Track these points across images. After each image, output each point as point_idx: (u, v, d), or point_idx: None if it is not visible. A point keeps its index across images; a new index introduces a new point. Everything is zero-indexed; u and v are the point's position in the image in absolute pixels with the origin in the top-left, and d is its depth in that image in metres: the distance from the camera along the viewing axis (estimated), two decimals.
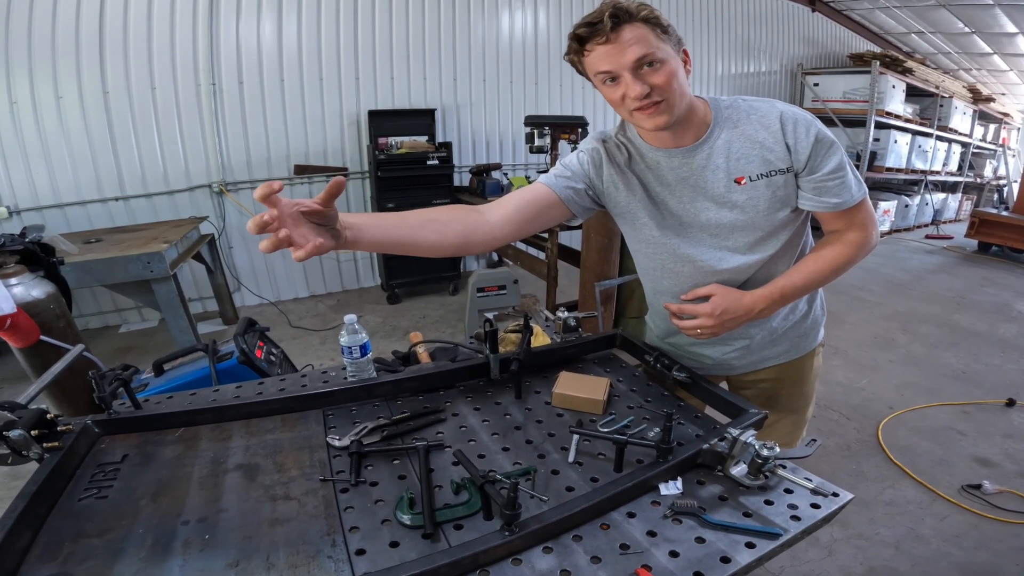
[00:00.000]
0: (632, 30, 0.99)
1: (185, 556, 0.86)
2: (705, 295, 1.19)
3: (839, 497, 0.97)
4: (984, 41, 8.34)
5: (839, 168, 1.11)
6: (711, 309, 1.16)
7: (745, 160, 1.12)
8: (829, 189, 1.13)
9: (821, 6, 8.24)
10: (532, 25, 5.58)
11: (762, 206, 1.14)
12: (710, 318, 1.17)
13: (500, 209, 1.16)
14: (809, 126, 1.10)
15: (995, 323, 4.63)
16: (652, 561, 0.84)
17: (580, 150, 1.27)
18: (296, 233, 0.82)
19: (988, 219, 7.11)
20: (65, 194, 4.01)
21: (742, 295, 1.18)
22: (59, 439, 1.06)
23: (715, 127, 1.13)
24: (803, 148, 1.09)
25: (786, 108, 1.12)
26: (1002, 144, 10.79)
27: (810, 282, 1.19)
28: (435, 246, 1.07)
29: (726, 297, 1.17)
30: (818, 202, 1.14)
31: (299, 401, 1.25)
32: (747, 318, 1.19)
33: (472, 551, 0.80)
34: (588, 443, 1.13)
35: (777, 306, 1.19)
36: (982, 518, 2.30)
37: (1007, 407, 3.21)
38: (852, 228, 1.19)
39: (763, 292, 1.18)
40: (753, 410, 1.12)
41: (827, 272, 1.19)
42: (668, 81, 1.02)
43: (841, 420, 3.07)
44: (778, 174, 1.12)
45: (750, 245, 1.19)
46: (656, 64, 1.01)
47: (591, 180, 1.24)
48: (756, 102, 1.15)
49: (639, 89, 1.01)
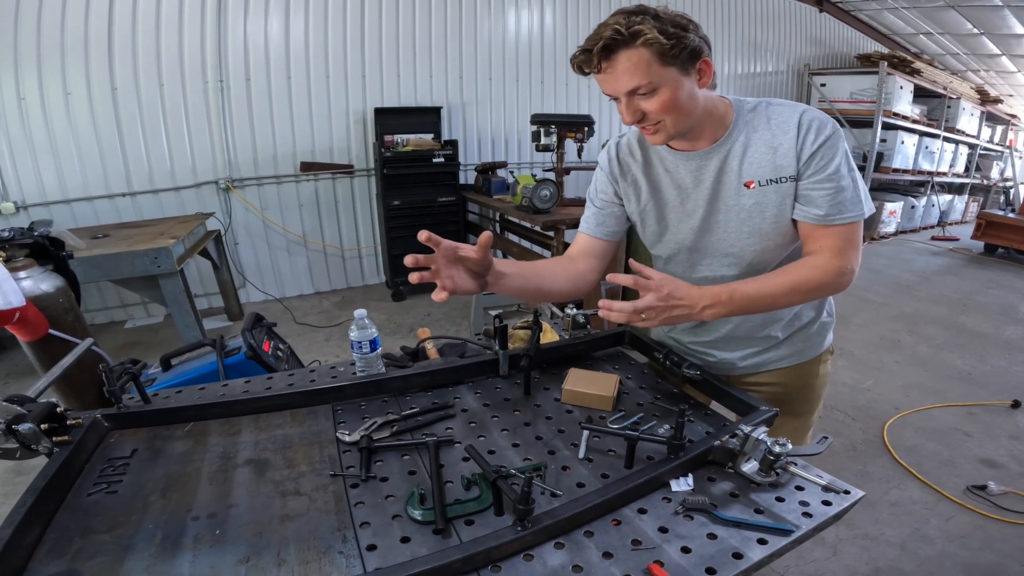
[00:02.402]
0: (628, 58, 0.96)
1: (195, 552, 0.85)
2: (648, 276, 1.03)
3: (850, 494, 0.96)
4: (992, 42, 8.29)
5: (835, 175, 1.04)
6: (655, 286, 1.00)
7: (757, 164, 1.10)
8: (813, 199, 1.06)
9: (829, 6, 8.20)
10: (539, 24, 5.57)
11: (769, 212, 1.11)
12: (654, 295, 1.00)
13: (584, 261, 1.30)
14: (822, 128, 1.05)
15: (1001, 325, 4.61)
16: (664, 557, 0.83)
17: (599, 167, 1.32)
18: (445, 273, 0.96)
19: (994, 221, 7.07)
20: (72, 190, 4.02)
21: (691, 285, 1.05)
22: (68, 433, 1.06)
23: (734, 130, 1.11)
24: (807, 152, 1.05)
25: (808, 112, 1.07)
26: (1009, 146, 10.74)
27: (764, 295, 1.06)
28: (558, 294, 1.27)
29: (674, 280, 1.03)
30: (800, 210, 1.08)
31: (308, 396, 1.25)
32: (689, 311, 1.03)
33: (484, 546, 0.80)
34: (598, 439, 1.13)
35: (723, 309, 1.05)
36: (987, 519, 2.29)
37: (1013, 408, 3.20)
38: (828, 251, 1.07)
39: (712, 289, 1.05)
40: (764, 407, 1.12)
41: (787, 290, 1.07)
42: (662, 108, 1.00)
43: (847, 420, 3.06)
44: (787, 181, 1.08)
45: (757, 252, 1.16)
46: (650, 93, 0.99)
47: (617, 194, 1.29)
48: (780, 106, 1.10)
49: (630, 117, 1.04)
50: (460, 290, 0.98)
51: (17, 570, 0.80)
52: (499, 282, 1.05)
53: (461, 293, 0.98)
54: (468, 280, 0.99)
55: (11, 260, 1.63)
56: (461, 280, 0.98)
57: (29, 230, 1.74)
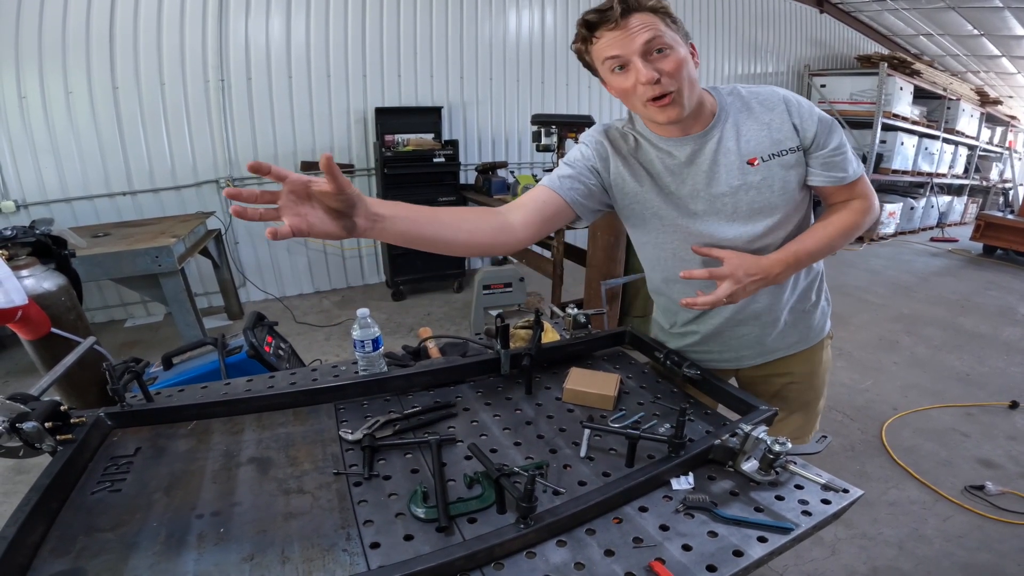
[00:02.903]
0: (641, 17, 1.01)
1: (200, 550, 0.85)
2: (718, 257, 1.13)
3: (849, 493, 0.97)
4: (992, 44, 8.31)
5: (842, 145, 1.17)
6: (730, 270, 1.10)
7: (755, 142, 1.15)
8: (836, 164, 1.17)
9: (829, 7, 8.20)
10: (539, 24, 5.58)
11: (776, 185, 1.16)
12: (732, 280, 1.10)
13: (520, 212, 1.15)
14: (812, 107, 1.16)
15: (999, 326, 4.62)
16: (665, 555, 0.84)
17: (583, 143, 1.26)
18: (293, 211, 0.80)
19: (993, 222, 7.09)
20: (73, 188, 4.03)
21: (758, 257, 1.14)
22: (72, 432, 1.06)
23: (721, 113, 1.16)
24: (809, 127, 1.14)
25: (786, 92, 1.18)
26: (1008, 147, 10.76)
27: (823, 246, 1.19)
28: (464, 245, 1.06)
29: (742, 257, 1.12)
30: (827, 176, 1.18)
31: (310, 395, 1.26)
32: (765, 282, 1.14)
33: (487, 544, 0.81)
34: (599, 438, 1.14)
35: (792, 270, 1.18)
36: (985, 519, 2.31)
37: (1010, 409, 3.21)
38: (856, 198, 1.23)
39: (778, 255, 1.16)
40: (763, 406, 1.13)
41: (837, 236, 1.20)
42: (678, 68, 1.03)
43: (845, 421, 3.07)
44: (789, 153, 1.15)
45: (769, 226, 1.18)
46: (665, 50, 1.02)
47: (599, 173, 1.23)
48: (755, 88, 1.19)
49: (649, 74, 1.01)
50: (316, 231, 0.81)
51: (22, 568, 0.80)
52: (376, 226, 0.89)
53: (319, 236, 0.82)
54: (326, 220, 0.82)
55: (14, 258, 1.63)
56: (316, 219, 0.81)
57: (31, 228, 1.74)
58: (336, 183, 0.80)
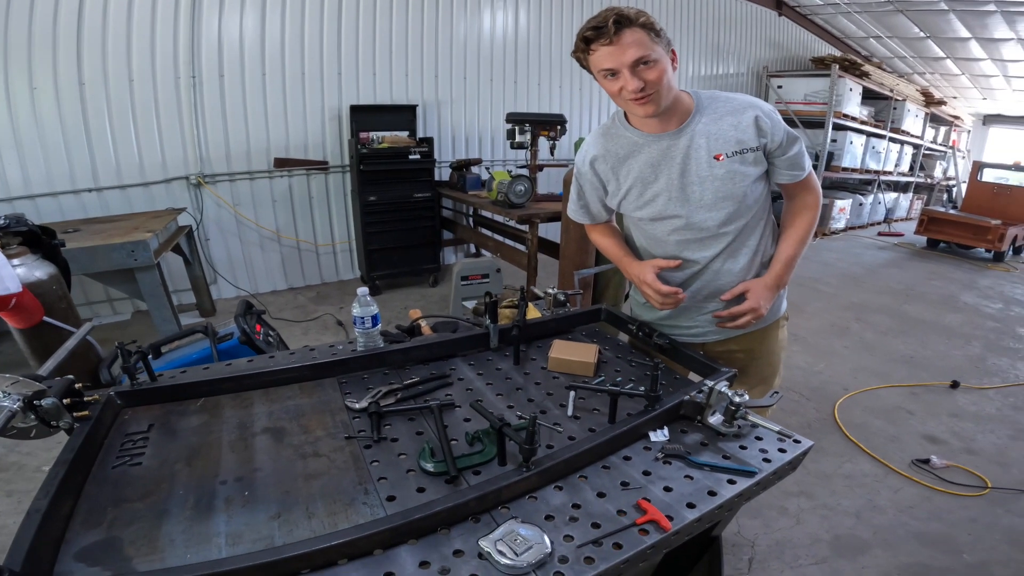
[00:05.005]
0: (631, 34, 1.17)
1: (228, 512, 0.91)
2: (741, 292, 1.42)
3: (801, 444, 1.12)
4: (938, 45, 8.76)
5: (801, 149, 1.40)
6: (754, 304, 1.39)
7: (722, 141, 1.33)
8: (797, 163, 1.40)
9: (787, 10, 8.53)
10: (513, 24, 5.68)
11: (738, 178, 1.35)
12: (756, 311, 1.40)
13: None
14: (779, 118, 1.37)
15: (941, 313, 4.96)
16: (650, 495, 0.97)
17: (589, 169, 1.48)
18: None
19: (937, 217, 7.53)
20: (37, 185, 3.92)
21: (763, 280, 1.43)
22: (87, 408, 1.09)
23: (696, 114, 1.34)
24: (778, 133, 1.34)
25: (759, 101, 1.37)
26: (952, 146, 11.31)
27: (798, 247, 1.46)
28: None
29: (758, 286, 1.42)
30: (791, 175, 1.41)
31: (315, 369, 1.33)
32: (774, 294, 1.44)
33: (496, 486, 0.91)
34: (583, 400, 1.27)
35: (788, 274, 1.47)
36: (933, 491, 2.46)
37: (951, 389, 3.46)
38: (809, 192, 1.47)
39: (774, 270, 1.44)
40: (724, 368, 1.28)
41: (806, 235, 1.46)
42: (659, 78, 1.22)
43: (801, 400, 3.28)
44: (749, 151, 1.33)
45: (730, 213, 1.38)
46: (650, 63, 1.20)
47: (605, 188, 1.49)
48: (733, 95, 1.38)
49: (636, 84, 1.20)
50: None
51: (56, 540, 0.82)
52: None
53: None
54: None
55: (6, 247, 1.64)
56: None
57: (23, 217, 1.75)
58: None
